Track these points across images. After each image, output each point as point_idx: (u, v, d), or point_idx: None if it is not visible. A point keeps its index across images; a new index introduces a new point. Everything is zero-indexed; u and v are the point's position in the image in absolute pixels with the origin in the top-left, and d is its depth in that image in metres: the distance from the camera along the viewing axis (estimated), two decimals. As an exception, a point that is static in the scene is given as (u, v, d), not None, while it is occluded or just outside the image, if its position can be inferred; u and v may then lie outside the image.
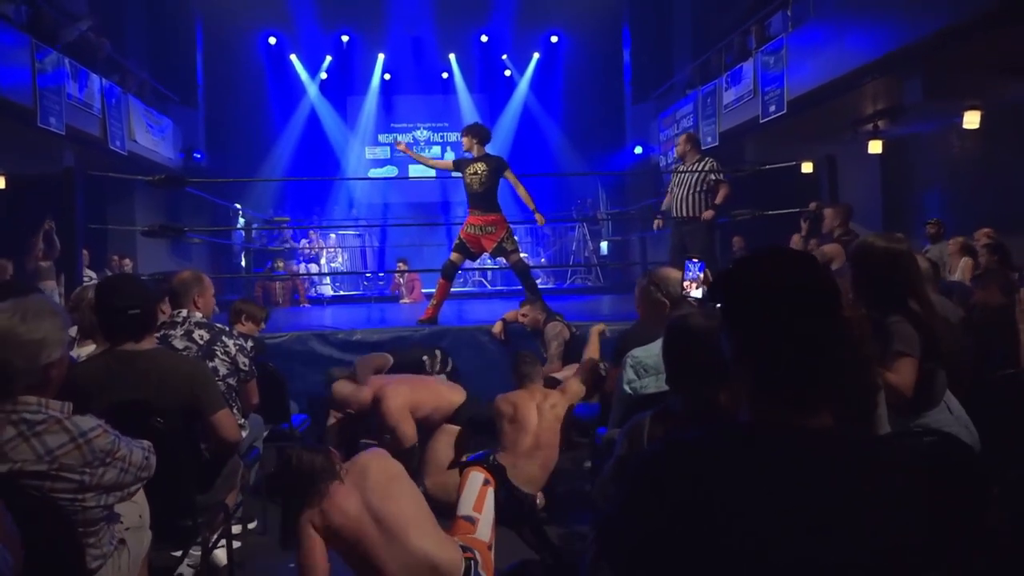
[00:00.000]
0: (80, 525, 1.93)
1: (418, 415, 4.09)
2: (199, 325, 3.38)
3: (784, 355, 1.11)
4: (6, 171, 9.66)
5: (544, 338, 5.19)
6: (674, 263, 5.64)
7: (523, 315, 5.48)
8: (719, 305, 1.20)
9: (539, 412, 4.00)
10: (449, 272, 6.29)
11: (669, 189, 7.36)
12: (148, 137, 11.62)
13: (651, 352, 2.81)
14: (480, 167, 6.10)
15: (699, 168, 6.95)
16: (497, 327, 5.63)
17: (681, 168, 7.16)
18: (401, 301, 10.73)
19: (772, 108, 9.20)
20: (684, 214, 6.99)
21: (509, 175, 6.16)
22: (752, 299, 1.14)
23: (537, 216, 6.28)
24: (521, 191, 6.27)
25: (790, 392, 1.11)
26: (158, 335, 3.13)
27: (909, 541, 1.03)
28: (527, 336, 5.50)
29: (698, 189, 6.90)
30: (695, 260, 2.93)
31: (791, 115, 8.94)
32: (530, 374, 4.20)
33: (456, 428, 4.19)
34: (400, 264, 11.07)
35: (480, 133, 6.20)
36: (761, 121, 9.50)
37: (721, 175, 6.94)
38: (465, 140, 6.19)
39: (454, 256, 6.28)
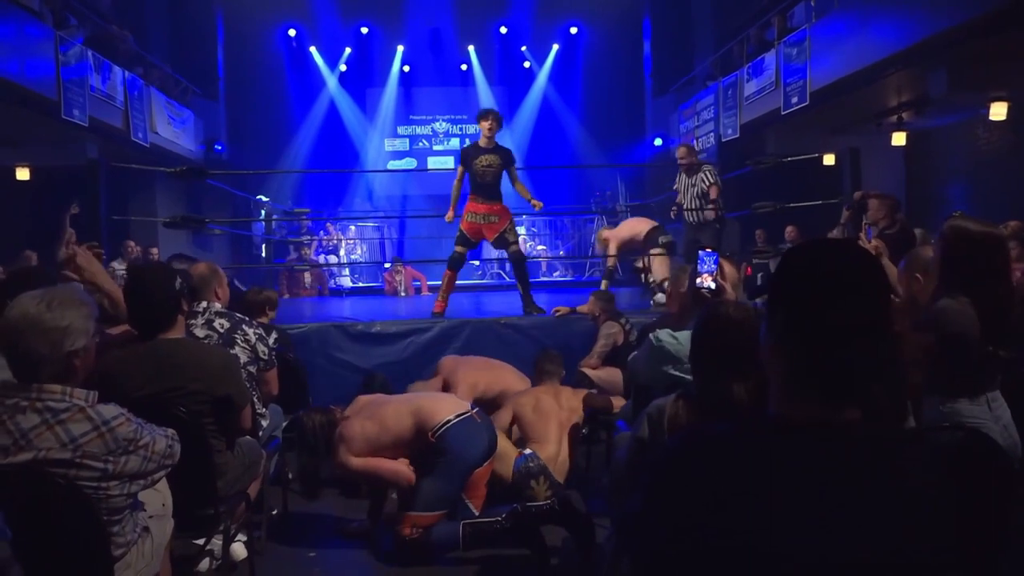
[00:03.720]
0: (104, 513, 1.95)
1: (485, 397, 4.40)
2: (219, 314, 3.41)
3: (823, 344, 1.09)
4: (30, 163, 9.78)
5: (598, 332, 5.23)
6: (687, 259, 5.83)
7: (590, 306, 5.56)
8: (757, 301, 1.19)
9: (558, 404, 4.14)
10: (457, 264, 6.25)
11: (676, 187, 8.02)
12: (170, 129, 11.70)
13: (681, 339, 2.76)
14: (494, 159, 6.04)
15: (704, 170, 7.63)
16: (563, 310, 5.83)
17: (682, 169, 7.82)
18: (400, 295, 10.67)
19: (794, 100, 9.11)
20: (694, 218, 7.59)
21: (512, 171, 6.13)
22: (798, 284, 1.13)
23: (534, 202, 6.18)
24: (519, 187, 6.20)
25: (824, 383, 1.09)
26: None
27: (936, 539, 1.02)
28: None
29: (700, 195, 7.58)
30: (709, 251, 2.89)
31: (814, 107, 8.84)
32: (551, 371, 4.39)
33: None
34: (396, 261, 11.03)
35: (501, 121, 6.10)
36: (783, 113, 9.41)
37: (714, 178, 7.56)
38: (492, 124, 5.97)
39: (460, 248, 6.23)
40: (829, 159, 10.82)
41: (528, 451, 3.87)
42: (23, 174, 9.74)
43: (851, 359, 1.09)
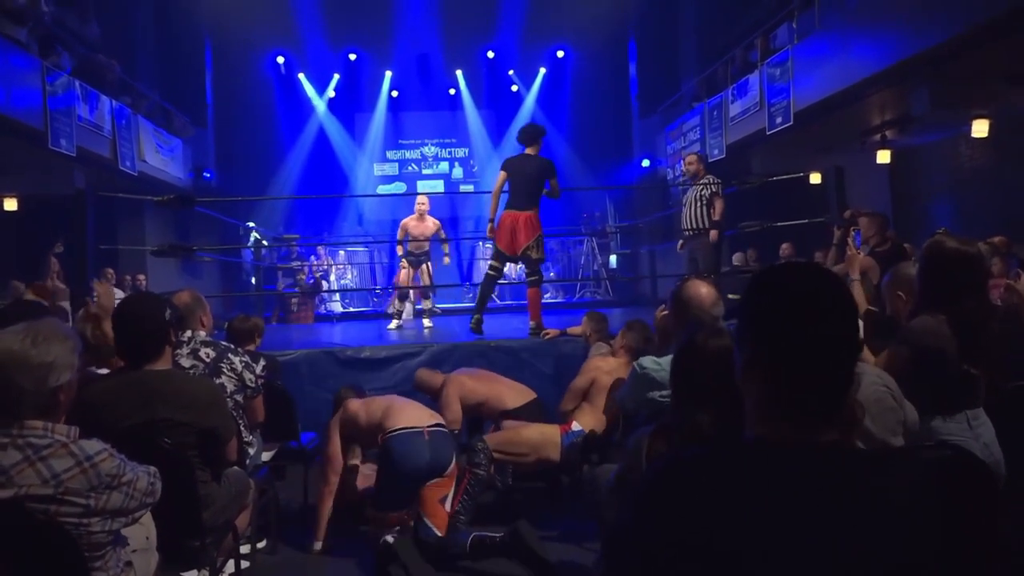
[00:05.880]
0: (86, 549, 1.92)
1: (469, 402, 4.51)
2: (205, 344, 3.39)
3: (801, 365, 1.09)
4: (18, 192, 9.77)
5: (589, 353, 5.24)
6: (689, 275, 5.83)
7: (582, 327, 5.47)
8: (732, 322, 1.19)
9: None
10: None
11: (683, 202, 7.70)
12: (158, 157, 11.71)
13: (664, 365, 2.77)
14: None
15: (704, 182, 7.30)
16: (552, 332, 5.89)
17: (680, 182, 7.47)
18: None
19: (779, 120, 9.19)
20: (692, 227, 7.30)
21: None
22: (772, 306, 1.13)
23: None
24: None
25: (803, 404, 1.09)
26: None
27: (923, 558, 1.02)
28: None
29: (702, 204, 7.26)
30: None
31: (798, 126, 8.93)
32: (634, 347, 4.24)
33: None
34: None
35: None
36: (768, 133, 9.49)
37: (717, 188, 7.21)
38: None
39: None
40: (815, 178, 10.93)
41: (576, 428, 4.06)
42: (11, 204, 9.72)
43: (829, 378, 1.10)
